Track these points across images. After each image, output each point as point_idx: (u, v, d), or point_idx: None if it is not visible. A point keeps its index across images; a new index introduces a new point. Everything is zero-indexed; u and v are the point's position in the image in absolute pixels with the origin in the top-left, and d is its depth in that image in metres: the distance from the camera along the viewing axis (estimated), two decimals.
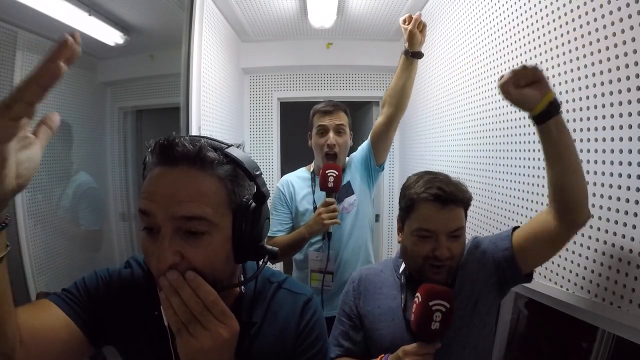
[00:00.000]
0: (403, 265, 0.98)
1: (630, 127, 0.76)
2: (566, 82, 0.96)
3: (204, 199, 0.52)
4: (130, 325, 0.61)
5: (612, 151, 0.81)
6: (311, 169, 1.61)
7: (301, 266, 1.58)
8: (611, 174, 0.82)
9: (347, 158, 1.60)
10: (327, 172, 1.38)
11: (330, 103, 1.52)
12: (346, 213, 1.53)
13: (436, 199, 0.86)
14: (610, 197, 0.82)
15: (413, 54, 1.35)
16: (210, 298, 0.49)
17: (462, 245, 0.91)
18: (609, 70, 0.81)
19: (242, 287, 0.64)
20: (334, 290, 1.49)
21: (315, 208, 1.49)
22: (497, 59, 1.34)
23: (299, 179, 1.60)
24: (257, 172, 0.56)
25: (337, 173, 1.37)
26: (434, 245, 0.87)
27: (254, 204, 0.56)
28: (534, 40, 1.10)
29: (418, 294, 0.80)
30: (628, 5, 0.75)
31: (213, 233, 0.52)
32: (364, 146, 1.58)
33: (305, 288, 0.71)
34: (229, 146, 0.56)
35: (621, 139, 0.79)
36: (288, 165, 3.09)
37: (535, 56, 1.09)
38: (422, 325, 0.77)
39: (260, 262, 0.59)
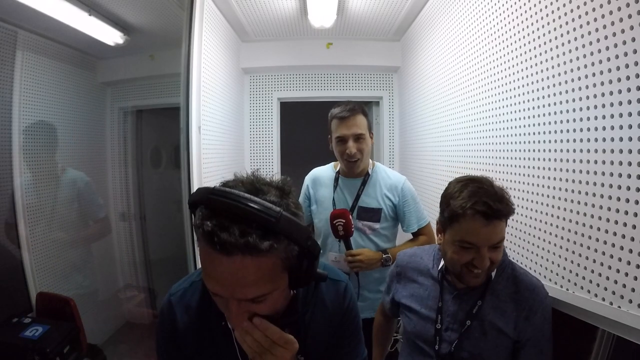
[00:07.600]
0: (442, 262, 1.03)
1: (630, 127, 0.76)
2: (566, 82, 0.96)
3: (263, 280, 0.58)
4: (200, 335, 0.75)
5: (612, 151, 0.81)
6: (337, 167, 1.63)
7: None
8: (611, 174, 0.82)
9: (401, 184, 1.55)
10: (334, 222, 1.40)
11: (347, 107, 1.48)
12: (362, 233, 1.52)
13: (482, 215, 0.84)
14: (610, 197, 0.82)
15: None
16: (276, 336, 0.62)
17: (501, 252, 0.92)
18: (609, 70, 0.81)
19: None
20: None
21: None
22: (497, 58, 1.34)
23: (325, 178, 1.63)
24: (309, 241, 0.59)
25: (344, 221, 1.39)
26: (475, 255, 0.88)
27: (306, 261, 0.61)
28: (534, 40, 1.10)
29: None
30: (628, 5, 0.75)
31: (273, 293, 0.61)
32: (409, 208, 1.53)
33: (340, 274, 0.86)
34: (278, 217, 0.54)
35: (621, 139, 0.78)
36: (288, 165, 3.10)
37: (535, 56, 1.09)
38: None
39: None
